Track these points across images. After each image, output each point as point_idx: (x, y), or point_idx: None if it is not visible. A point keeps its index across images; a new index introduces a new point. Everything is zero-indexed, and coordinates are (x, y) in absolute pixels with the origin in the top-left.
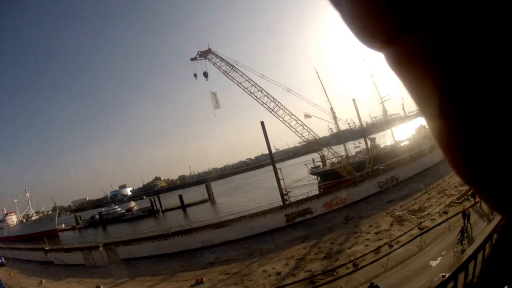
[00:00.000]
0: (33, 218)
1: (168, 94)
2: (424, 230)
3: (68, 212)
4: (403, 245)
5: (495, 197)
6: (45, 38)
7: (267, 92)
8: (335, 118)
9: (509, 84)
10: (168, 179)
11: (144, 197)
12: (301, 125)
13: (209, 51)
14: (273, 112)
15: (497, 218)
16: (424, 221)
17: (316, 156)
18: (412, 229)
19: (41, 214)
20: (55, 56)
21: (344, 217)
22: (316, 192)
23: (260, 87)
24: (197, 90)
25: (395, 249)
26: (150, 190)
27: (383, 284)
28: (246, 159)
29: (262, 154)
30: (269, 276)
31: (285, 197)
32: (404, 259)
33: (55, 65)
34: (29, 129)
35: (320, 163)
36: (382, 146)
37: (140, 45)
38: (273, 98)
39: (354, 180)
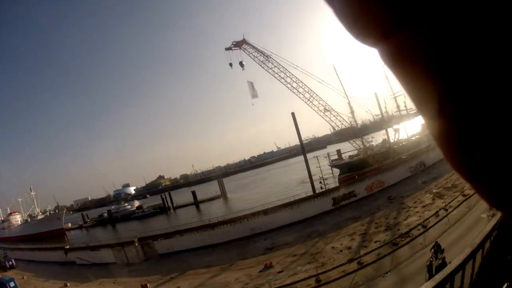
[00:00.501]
0: (39, 217)
1: (167, 94)
2: (467, 196)
3: (71, 212)
4: (455, 208)
5: (493, 194)
6: (46, 38)
7: (303, 83)
8: (352, 112)
9: (508, 82)
10: (170, 178)
11: (147, 196)
12: (334, 115)
13: (243, 41)
14: (308, 102)
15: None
16: (465, 190)
17: (328, 150)
18: (457, 196)
19: (48, 213)
20: (55, 55)
21: (387, 197)
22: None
23: (296, 78)
24: (197, 90)
25: (450, 212)
26: (154, 189)
27: (452, 236)
28: (250, 157)
29: (264, 153)
30: (341, 251)
31: (320, 184)
32: (460, 217)
33: (55, 64)
34: (29, 129)
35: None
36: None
37: (140, 44)
38: (308, 88)
39: (383, 168)
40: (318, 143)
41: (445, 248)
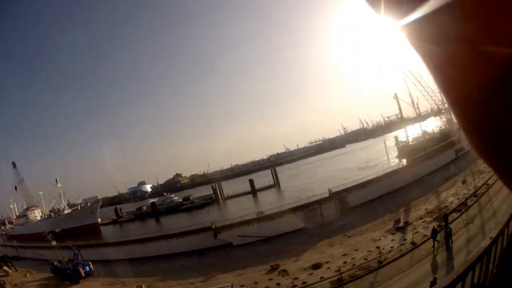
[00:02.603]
0: (66, 211)
1: (172, 95)
2: None
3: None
4: None
5: None
6: (74, 38)
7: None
8: (412, 102)
9: None
10: (186, 176)
11: (164, 193)
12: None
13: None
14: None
15: None
16: None
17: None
18: None
19: (79, 206)
20: (59, 52)
21: None
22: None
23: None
24: (200, 93)
25: None
26: (173, 187)
27: None
28: (270, 155)
29: (277, 153)
30: None
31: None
32: None
33: (51, 60)
34: (32, 127)
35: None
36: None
37: (148, 42)
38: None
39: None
40: (332, 143)
41: None
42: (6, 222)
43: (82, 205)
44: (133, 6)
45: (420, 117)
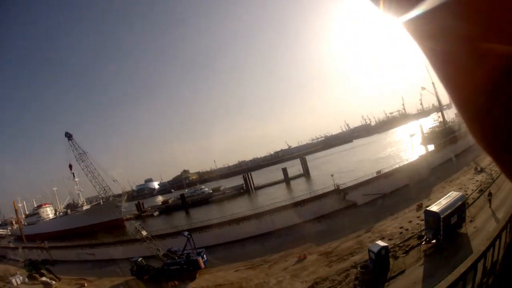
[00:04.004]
0: (85, 207)
1: (172, 95)
2: None
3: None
4: None
5: None
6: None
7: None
8: (437, 93)
9: None
10: (193, 173)
11: (172, 190)
12: None
13: None
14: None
15: None
16: None
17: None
18: None
19: (101, 201)
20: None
21: None
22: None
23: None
24: (200, 90)
25: None
26: (180, 183)
27: None
28: (275, 151)
29: (281, 149)
30: None
31: None
32: None
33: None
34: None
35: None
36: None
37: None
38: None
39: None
40: (338, 139)
41: None
42: (13, 222)
43: (104, 200)
44: (134, 5)
45: (424, 113)
